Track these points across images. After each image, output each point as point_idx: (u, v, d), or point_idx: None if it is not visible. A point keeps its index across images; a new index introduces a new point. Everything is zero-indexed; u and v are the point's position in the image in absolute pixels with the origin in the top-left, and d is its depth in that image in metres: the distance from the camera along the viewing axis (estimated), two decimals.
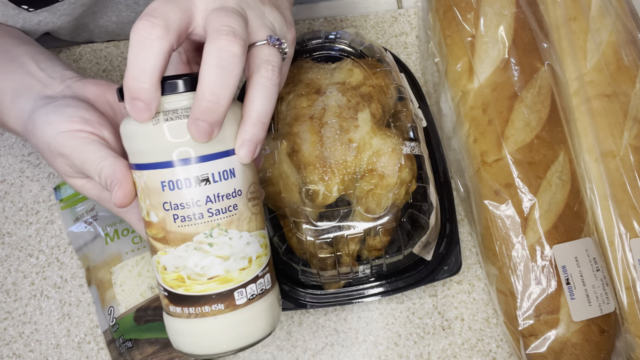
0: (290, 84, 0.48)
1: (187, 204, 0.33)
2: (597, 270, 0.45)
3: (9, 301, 0.53)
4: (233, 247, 0.34)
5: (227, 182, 0.33)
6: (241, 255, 0.34)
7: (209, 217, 0.33)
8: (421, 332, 0.51)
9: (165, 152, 0.32)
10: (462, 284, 0.52)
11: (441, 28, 0.54)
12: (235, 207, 0.34)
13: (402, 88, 0.49)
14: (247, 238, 0.35)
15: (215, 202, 0.33)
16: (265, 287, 0.36)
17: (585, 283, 0.44)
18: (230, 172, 0.34)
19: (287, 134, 0.45)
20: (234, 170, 0.34)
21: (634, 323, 0.45)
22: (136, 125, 0.33)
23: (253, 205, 0.35)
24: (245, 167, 0.35)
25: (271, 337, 0.51)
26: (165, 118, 0.32)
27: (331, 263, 0.45)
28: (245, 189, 0.35)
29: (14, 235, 0.55)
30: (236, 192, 0.34)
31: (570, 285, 0.44)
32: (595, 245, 0.46)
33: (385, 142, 0.44)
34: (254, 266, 0.35)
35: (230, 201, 0.34)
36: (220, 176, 0.33)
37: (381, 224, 0.44)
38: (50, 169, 0.57)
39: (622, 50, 0.50)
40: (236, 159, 0.34)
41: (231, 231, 0.34)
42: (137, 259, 0.51)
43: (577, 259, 0.45)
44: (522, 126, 0.47)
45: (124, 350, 0.48)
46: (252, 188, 0.35)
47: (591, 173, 0.49)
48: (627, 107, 0.49)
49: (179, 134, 0.32)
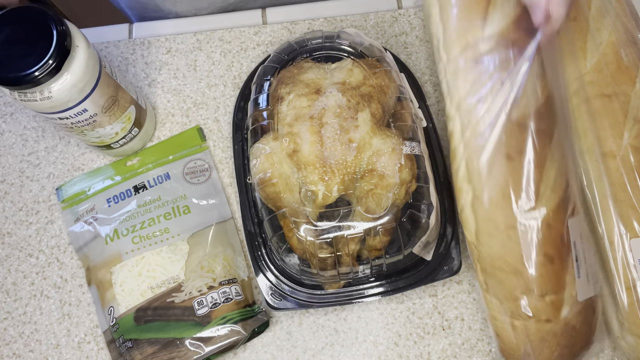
0: (290, 84, 0.48)
1: None
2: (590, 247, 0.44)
3: (9, 301, 0.53)
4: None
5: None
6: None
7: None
8: (421, 332, 0.51)
9: None
10: (462, 284, 0.52)
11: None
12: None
13: (402, 88, 0.49)
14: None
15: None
16: None
17: (586, 260, 0.44)
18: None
19: (287, 134, 0.45)
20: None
21: (634, 323, 0.45)
22: None
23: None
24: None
25: (271, 337, 0.51)
26: None
27: (331, 263, 0.45)
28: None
29: (14, 235, 0.55)
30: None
31: (578, 262, 0.43)
32: (583, 220, 0.45)
33: (385, 142, 0.44)
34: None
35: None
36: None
37: (381, 224, 0.44)
38: (50, 169, 0.57)
39: (622, 50, 0.50)
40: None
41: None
42: (137, 259, 0.51)
43: (582, 235, 0.44)
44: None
45: (124, 350, 0.48)
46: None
47: (591, 173, 0.49)
48: (627, 107, 0.49)
49: None
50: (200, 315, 0.48)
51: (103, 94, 0.48)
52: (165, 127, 0.59)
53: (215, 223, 0.53)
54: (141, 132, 0.55)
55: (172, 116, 0.59)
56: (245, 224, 0.51)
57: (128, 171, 0.55)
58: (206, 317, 0.48)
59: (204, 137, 0.58)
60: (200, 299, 0.49)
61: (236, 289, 0.50)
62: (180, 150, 0.56)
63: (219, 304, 0.49)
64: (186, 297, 0.49)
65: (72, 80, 0.44)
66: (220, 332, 0.48)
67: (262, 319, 0.50)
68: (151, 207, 0.53)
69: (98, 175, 0.56)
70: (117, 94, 0.50)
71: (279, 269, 0.49)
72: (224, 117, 0.59)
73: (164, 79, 0.60)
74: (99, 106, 0.48)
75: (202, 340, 0.48)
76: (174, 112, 0.59)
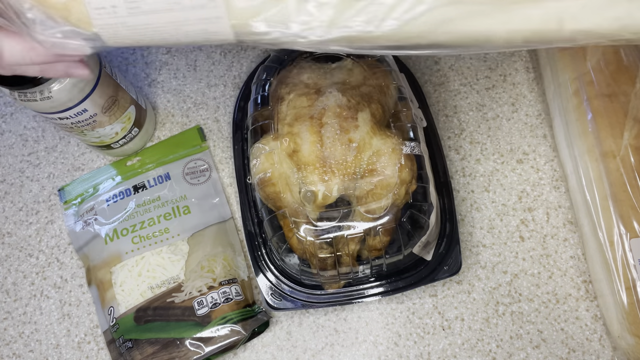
0: (290, 83, 0.48)
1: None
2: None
3: (9, 301, 0.53)
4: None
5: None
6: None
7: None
8: (421, 332, 0.51)
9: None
10: (462, 284, 0.52)
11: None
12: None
13: (402, 88, 0.49)
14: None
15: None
16: None
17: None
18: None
19: (287, 134, 0.45)
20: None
21: (634, 323, 0.45)
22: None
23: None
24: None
25: (271, 337, 0.51)
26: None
27: (331, 263, 0.45)
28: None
29: (14, 235, 0.55)
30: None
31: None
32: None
33: (385, 142, 0.44)
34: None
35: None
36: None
37: (381, 224, 0.44)
38: (50, 169, 0.57)
39: (622, 50, 0.50)
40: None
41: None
42: (137, 259, 0.51)
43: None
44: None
45: (124, 350, 0.48)
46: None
47: (591, 173, 0.49)
48: (627, 107, 0.49)
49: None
50: (200, 316, 0.48)
51: (103, 94, 0.48)
52: (165, 127, 0.59)
53: (215, 223, 0.53)
54: (141, 132, 0.55)
55: (172, 116, 0.59)
56: (245, 224, 0.51)
57: (128, 171, 0.55)
58: (206, 317, 0.48)
59: (204, 137, 0.58)
60: (200, 299, 0.49)
61: (236, 289, 0.50)
62: (180, 150, 0.56)
63: (219, 304, 0.49)
64: (186, 297, 0.49)
65: (72, 80, 0.44)
66: (220, 332, 0.48)
67: (262, 319, 0.50)
68: (151, 207, 0.53)
69: (98, 176, 0.56)
70: (117, 94, 0.50)
71: (279, 269, 0.49)
72: (224, 117, 0.59)
73: (164, 79, 0.60)
74: (99, 106, 0.48)
75: (202, 340, 0.48)
76: (174, 112, 0.59)
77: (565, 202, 0.54)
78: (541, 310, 0.51)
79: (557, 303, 0.51)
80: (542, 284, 0.51)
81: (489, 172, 0.55)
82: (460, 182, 0.55)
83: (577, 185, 0.51)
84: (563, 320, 0.50)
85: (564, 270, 0.52)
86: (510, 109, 0.57)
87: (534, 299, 0.51)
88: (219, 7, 0.24)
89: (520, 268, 0.52)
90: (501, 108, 0.57)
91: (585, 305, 0.51)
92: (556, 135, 0.54)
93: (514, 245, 0.53)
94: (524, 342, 0.50)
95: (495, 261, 0.52)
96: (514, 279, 0.52)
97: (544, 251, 0.52)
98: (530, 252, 0.52)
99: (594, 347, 0.50)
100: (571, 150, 0.51)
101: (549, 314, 0.51)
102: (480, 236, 0.53)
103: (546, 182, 0.54)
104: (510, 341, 0.50)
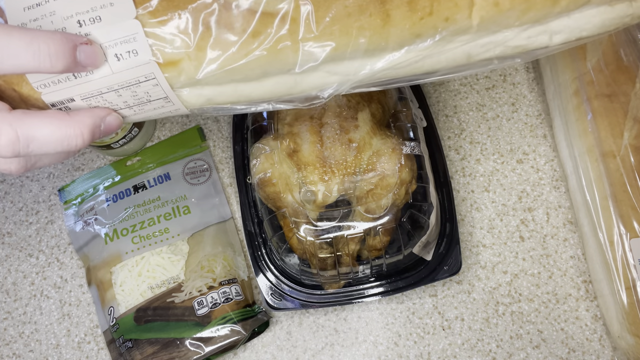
0: None
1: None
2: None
3: (9, 301, 0.53)
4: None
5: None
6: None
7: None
8: (421, 332, 0.51)
9: None
10: (462, 284, 0.52)
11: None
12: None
13: (402, 88, 0.49)
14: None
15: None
16: None
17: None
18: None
19: (287, 134, 0.45)
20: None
21: (634, 323, 0.45)
22: None
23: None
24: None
25: (271, 337, 0.51)
26: None
27: (331, 263, 0.45)
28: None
29: (14, 235, 0.55)
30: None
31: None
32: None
33: (385, 142, 0.44)
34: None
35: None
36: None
37: (381, 224, 0.44)
38: (50, 169, 0.57)
39: (622, 50, 0.50)
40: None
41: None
42: (137, 259, 0.51)
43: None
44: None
45: (124, 350, 0.48)
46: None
47: (591, 173, 0.49)
48: (627, 107, 0.49)
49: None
50: (200, 315, 0.48)
51: None
52: (165, 127, 0.59)
53: (215, 223, 0.53)
54: (141, 132, 0.55)
55: (172, 116, 0.59)
56: (245, 224, 0.51)
57: (128, 171, 0.55)
58: (206, 317, 0.48)
59: (204, 137, 0.58)
60: (200, 299, 0.49)
61: (236, 289, 0.50)
62: (180, 150, 0.56)
63: (219, 304, 0.49)
64: (186, 297, 0.49)
65: None
66: (220, 332, 0.48)
67: (262, 319, 0.50)
68: (151, 207, 0.53)
69: (98, 176, 0.56)
70: None
71: (279, 269, 0.49)
72: (224, 117, 0.59)
73: None
74: None
75: (202, 340, 0.48)
76: None
77: (565, 202, 0.54)
78: (541, 310, 0.51)
79: (557, 303, 0.51)
80: (542, 284, 0.51)
81: (489, 172, 0.55)
82: (460, 182, 0.55)
83: (577, 185, 0.51)
84: (563, 320, 0.50)
85: (564, 270, 0.52)
86: (510, 109, 0.57)
87: (534, 299, 0.51)
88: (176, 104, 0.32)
89: (520, 268, 0.52)
90: (501, 108, 0.57)
91: (585, 305, 0.51)
92: (556, 135, 0.54)
93: (514, 245, 0.53)
94: (524, 342, 0.50)
95: (495, 261, 0.52)
96: (514, 279, 0.52)
97: (544, 251, 0.52)
98: (530, 252, 0.52)
99: (594, 347, 0.50)
100: (571, 150, 0.51)
101: (549, 314, 0.51)
102: (480, 236, 0.53)
103: (546, 182, 0.54)
104: (510, 341, 0.50)
